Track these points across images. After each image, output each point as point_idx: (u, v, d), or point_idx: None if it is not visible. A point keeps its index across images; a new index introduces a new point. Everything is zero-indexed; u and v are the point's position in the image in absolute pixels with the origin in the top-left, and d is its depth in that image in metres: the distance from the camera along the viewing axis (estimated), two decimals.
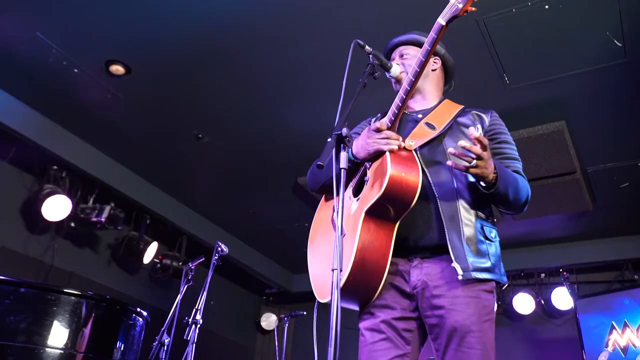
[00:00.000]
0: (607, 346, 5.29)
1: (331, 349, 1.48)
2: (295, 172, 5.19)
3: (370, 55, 2.10)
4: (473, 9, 1.82)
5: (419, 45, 2.21)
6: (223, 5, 3.41)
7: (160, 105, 4.44)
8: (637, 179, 4.83)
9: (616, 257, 5.92)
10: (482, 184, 1.86)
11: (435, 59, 2.28)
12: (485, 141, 1.76)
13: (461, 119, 2.11)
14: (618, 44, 3.44)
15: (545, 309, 6.22)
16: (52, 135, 4.69)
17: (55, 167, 4.94)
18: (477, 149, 1.75)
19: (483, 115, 2.13)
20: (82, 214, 5.07)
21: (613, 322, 5.33)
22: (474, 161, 1.77)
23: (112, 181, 5.18)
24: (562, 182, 4.81)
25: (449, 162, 1.85)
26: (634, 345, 5.12)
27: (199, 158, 5.14)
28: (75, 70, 4.03)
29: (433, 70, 2.27)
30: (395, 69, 2.18)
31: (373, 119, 2.32)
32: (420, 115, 2.16)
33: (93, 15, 3.54)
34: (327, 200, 2.29)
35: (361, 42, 2.08)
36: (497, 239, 2.00)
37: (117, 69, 3.98)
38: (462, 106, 2.19)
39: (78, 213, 5.06)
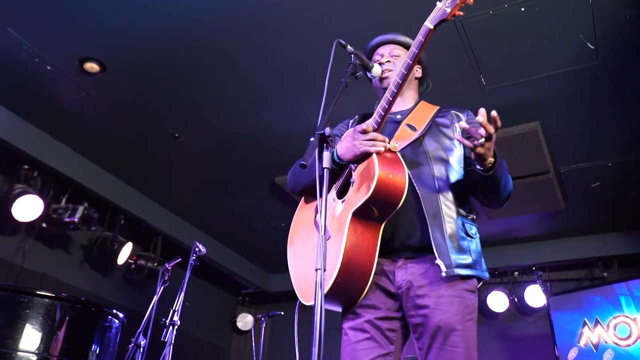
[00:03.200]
0: (579, 342, 5.41)
1: (315, 349, 1.48)
2: (273, 172, 5.17)
3: (352, 55, 2.10)
4: (461, 13, 1.85)
5: (406, 46, 2.25)
6: (200, 3, 3.38)
7: (135, 103, 4.37)
8: (608, 179, 4.95)
9: (587, 255, 6.05)
10: (479, 167, 1.88)
11: (418, 66, 2.32)
12: (499, 123, 1.77)
13: (440, 120, 2.16)
14: (591, 46, 3.51)
15: (519, 307, 6.32)
16: (23, 134, 4.58)
17: (26, 166, 4.83)
18: (491, 127, 1.76)
19: (460, 115, 2.18)
20: (54, 214, 4.97)
21: (585, 319, 5.45)
22: (482, 139, 1.78)
23: (85, 181, 5.09)
24: (535, 181, 4.89)
25: (456, 136, 1.84)
26: (604, 341, 5.25)
27: (175, 157, 5.09)
28: (48, 68, 3.94)
29: (417, 77, 2.33)
30: (377, 69, 2.18)
31: (351, 121, 2.34)
32: (399, 117, 2.18)
33: (67, 12, 3.47)
34: (307, 202, 2.28)
35: (343, 42, 2.07)
36: (478, 235, 2.04)
37: (92, 66, 3.91)
38: (438, 107, 2.23)
39: (50, 213, 4.95)
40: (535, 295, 6.07)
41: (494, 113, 1.75)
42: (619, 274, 5.84)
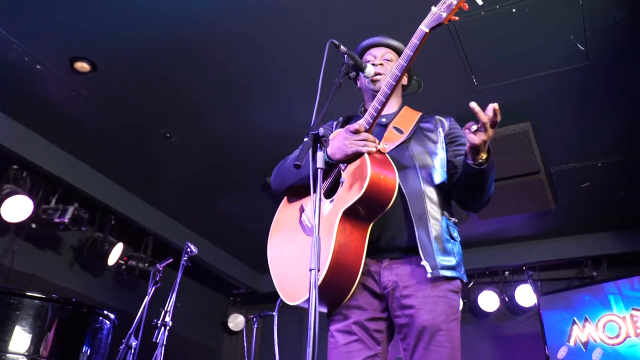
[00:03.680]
0: (568, 341, 5.45)
1: (310, 349, 1.48)
2: (265, 172, 5.15)
3: (345, 55, 2.10)
4: (456, 18, 1.86)
5: (398, 51, 2.28)
6: (192, 1, 3.36)
7: (126, 103, 4.35)
8: (597, 179, 4.98)
9: (576, 255, 6.09)
10: (471, 160, 1.88)
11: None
12: (499, 117, 1.78)
13: (424, 124, 2.21)
14: (581, 47, 3.54)
15: (509, 306, 6.35)
16: (12, 133, 4.54)
17: (15, 166, 4.79)
18: (484, 116, 1.76)
19: (444, 120, 2.24)
20: (44, 215, 4.93)
21: (575, 318, 5.49)
22: (474, 126, 1.79)
23: (75, 181, 5.06)
24: (526, 181, 4.91)
25: (472, 104, 1.82)
26: (594, 340, 5.29)
27: (166, 157, 5.06)
28: (38, 67, 3.91)
29: (403, 84, 2.36)
30: (370, 69, 2.18)
31: (335, 123, 2.36)
32: (384, 120, 2.21)
33: (57, 11, 3.44)
34: (290, 201, 2.28)
35: (336, 42, 2.07)
36: (459, 238, 2.07)
37: (82, 66, 3.88)
38: (421, 113, 2.27)
39: (40, 214, 4.91)
40: (525, 295, 6.10)
41: (495, 106, 1.76)
42: (608, 273, 5.89)
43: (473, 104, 1.77)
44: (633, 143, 4.50)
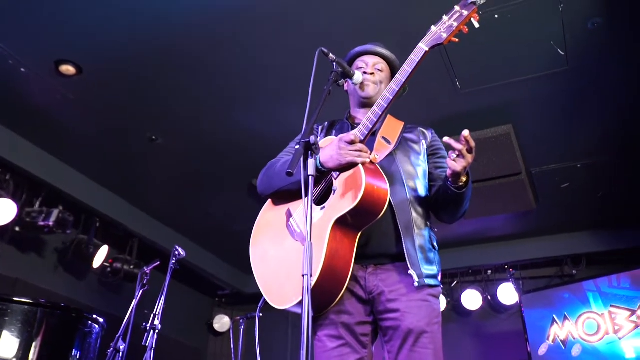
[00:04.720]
0: (548, 339, 5.56)
1: (303, 352, 1.52)
2: (250, 174, 5.17)
3: (334, 63, 2.13)
4: (456, 40, 1.91)
5: (389, 61, 2.34)
6: (178, 4, 3.37)
7: (112, 106, 4.33)
8: (577, 180, 5.10)
9: (557, 254, 6.22)
10: (451, 183, 1.97)
11: None
12: (472, 143, 1.88)
13: (408, 135, 2.26)
14: (561, 52, 3.63)
15: (492, 304, 6.45)
16: None
17: None
18: (458, 145, 1.86)
19: (426, 132, 2.31)
20: (28, 218, 4.88)
21: (554, 316, 5.60)
22: (454, 155, 1.89)
23: (60, 184, 5.03)
24: (508, 182, 4.98)
25: (445, 139, 1.93)
26: (572, 337, 5.40)
27: (152, 160, 5.05)
28: (23, 70, 3.88)
29: None
30: (358, 77, 2.22)
31: (320, 127, 2.38)
32: None
33: (42, 13, 3.42)
34: (276, 204, 2.30)
35: (325, 50, 2.11)
36: (437, 247, 2.15)
37: (68, 68, 3.86)
38: (403, 122, 2.32)
39: (24, 217, 4.87)
40: (507, 293, 6.20)
41: (465, 133, 1.85)
42: (588, 272, 6.00)
43: (446, 139, 1.88)
44: (611, 145, 4.62)
